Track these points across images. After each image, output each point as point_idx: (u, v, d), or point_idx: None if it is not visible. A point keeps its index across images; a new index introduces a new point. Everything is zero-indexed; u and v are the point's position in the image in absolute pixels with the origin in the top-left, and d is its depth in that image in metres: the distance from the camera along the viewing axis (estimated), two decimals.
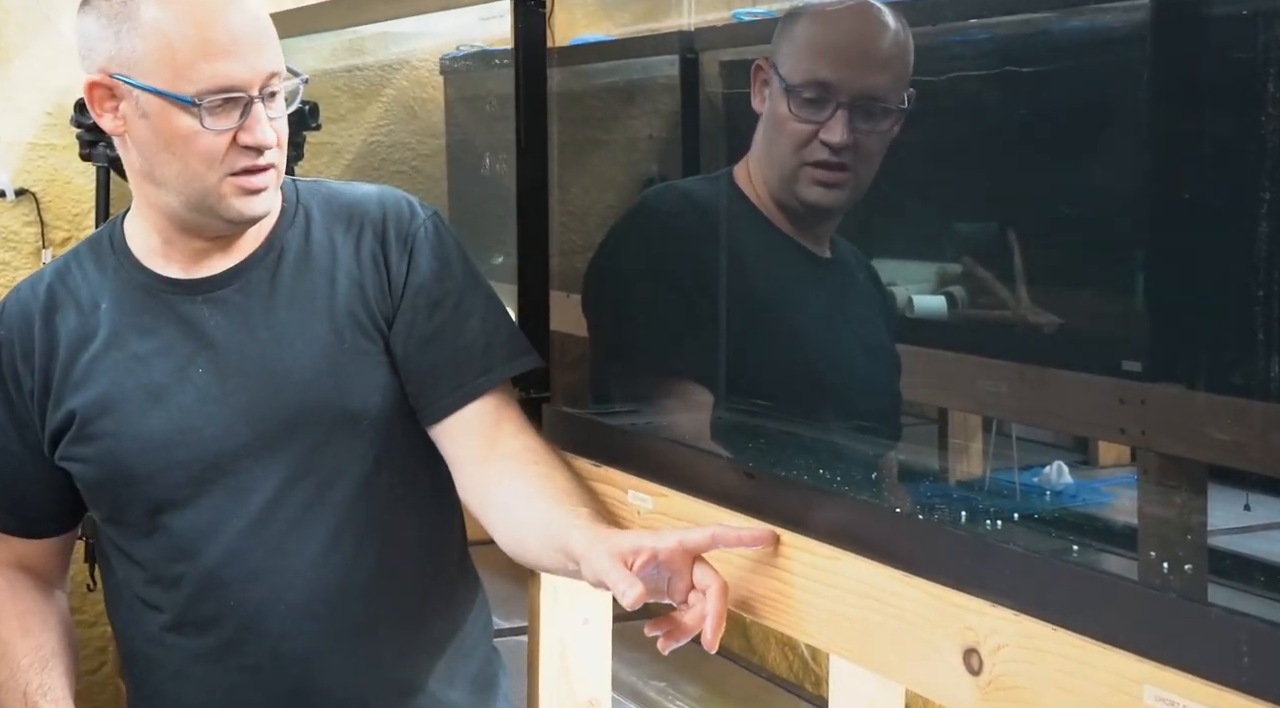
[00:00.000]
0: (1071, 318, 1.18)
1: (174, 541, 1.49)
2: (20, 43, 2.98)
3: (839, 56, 1.37)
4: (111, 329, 1.49)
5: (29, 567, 1.59)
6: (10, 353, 1.51)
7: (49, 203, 3.02)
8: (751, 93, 1.45)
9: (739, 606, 1.29)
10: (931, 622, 1.08)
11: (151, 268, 1.50)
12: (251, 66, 1.38)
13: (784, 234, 1.47)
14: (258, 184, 1.42)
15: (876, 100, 1.33)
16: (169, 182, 1.43)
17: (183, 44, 1.36)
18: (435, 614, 1.59)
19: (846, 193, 1.39)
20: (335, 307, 1.49)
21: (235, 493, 1.47)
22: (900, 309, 1.37)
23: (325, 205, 1.54)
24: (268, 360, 1.47)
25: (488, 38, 2.47)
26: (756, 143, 1.48)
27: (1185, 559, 1.02)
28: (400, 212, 1.53)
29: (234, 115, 1.39)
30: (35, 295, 1.52)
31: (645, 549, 1.22)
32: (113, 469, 1.48)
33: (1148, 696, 0.90)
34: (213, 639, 1.50)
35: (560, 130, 1.72)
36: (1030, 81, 1.20)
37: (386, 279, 1.50)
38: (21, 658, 1.52)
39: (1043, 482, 1.28)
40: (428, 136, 2.96)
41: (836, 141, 1.33)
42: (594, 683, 1.70)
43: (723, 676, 2.41)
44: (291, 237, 1.52)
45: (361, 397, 1.48)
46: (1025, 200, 1.22)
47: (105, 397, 1.47)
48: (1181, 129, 1.06)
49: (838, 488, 1.25)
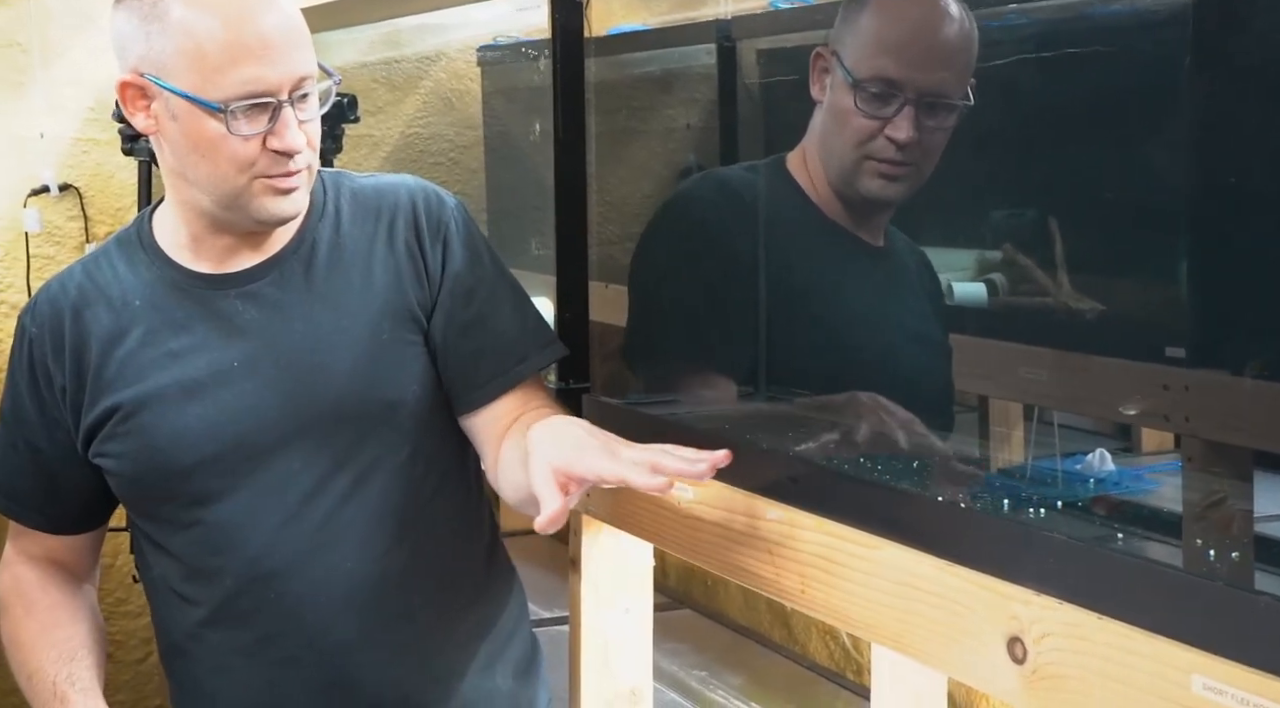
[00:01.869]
0: (1114, 304, 1.18)
1: (212, 534, 1.49)
2: (63, 40, 3.01)
3: (908, 53, 1.34)
4: (146, 326, 1.49)
5: (59, 561, 1.60)
6: (41, 350, 1.51)
7: (92, 197, 3.05)
8: (810, 80, 1.43)
9: (780, 594, 1.29)
10: (975, 610, 1.07)
11: (181, 263, 1.50)
12: (281, 71, 1.37)
13: (836, 224, 1.46)
14: (289, 185, 1.42)
15: (942, 97, 1.31)
16: (200, 182, 1.43)
17: (211, 48, 1.35)
18: (471, 602, 1.59)
19: (907, 185, 1.38)
20: (371, 299, 1.49)
21: (273, 486, 1.47)
22: (941, 295, 1.36)
23: (353, 198, 1.54)
24: (304, 353, 1.47)
25: (524, 28, 2.47)
26: (814, 130, 1.46)
27: (1231, 547, 1.01)
28: (430, 200, 1.53)
29: (263, 120, 1.38)
30: (65, 292, 1.52)
31: (574, 480, 1.26)
32: (150, 464, 1.49)
33: (1195, 684, 0.89)
34: (250, 633, 1.50)
35: (598, 121, 1.72)
36: (1072, 67, 1.20)
37: (424, 268, 1.50)
38: (50, 650, 1.53)
39: (1085, 469, 1.27)
40: (465, 128, 2.96)
41: (903, 139, 1.32)
42: (635, 673, 1.70)
43: (764, 665, 2.41)
44: (323, 230, 1.51)
45: (399, 388, 1.49)
46: (1066, 186, 1.22)
47: (142, 393, 1.47)
48: (1224, 113, 1.05)
49: (879, 477, 1.25)
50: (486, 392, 1.50)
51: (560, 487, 1.25)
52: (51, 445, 1.53)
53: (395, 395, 1.49)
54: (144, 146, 2.63)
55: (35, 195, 3.00)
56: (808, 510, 1.26)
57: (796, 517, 1.27)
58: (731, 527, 1.36)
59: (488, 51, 2.66)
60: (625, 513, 1.54)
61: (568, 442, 1.31)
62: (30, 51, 2.96)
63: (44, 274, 3.03)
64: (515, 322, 1.53)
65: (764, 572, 1.31)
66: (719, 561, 1.39)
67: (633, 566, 1.68)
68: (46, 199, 3.01)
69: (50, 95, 2.98)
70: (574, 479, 1.27)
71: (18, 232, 2.99)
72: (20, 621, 1.56)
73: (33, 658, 1.53)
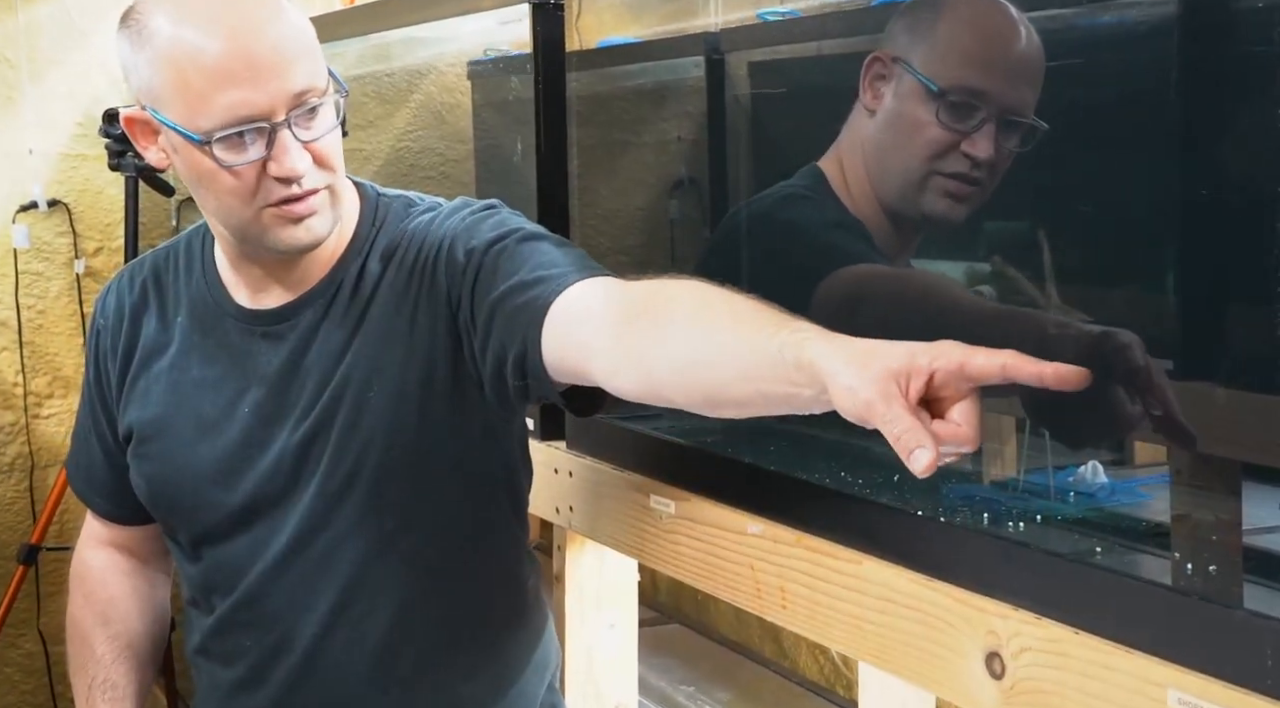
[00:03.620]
0: (1102, 316, 1.17)
1: (211, 573, 1.46)
2: (53, 56, 3.01)
3: (998, 63, 1.26)
4: (180, 347, 1.44)
5: (128, 548, 1.58)
6: (105, 344, 1.48)
7: (81, 213, 3.04)
8: (861, 87, 1.36)
9: (762, 609, 1.28)
10: (954, 626, 1.06)
11: (226, 286, 1.43)
12: (272, 90, 1.24)
13: (872, 237, 1.38)
14: (299, 212, 1.30)
15: (1021, 115, 1.22)
16: (213, 215, 1.35)
17: (194, 74, 1.24)
18: (468, 673, 1.46)
19: (968, 208, 1.28)
20: (365, 349, 1.37)
21: (263, 538, 1.41)
22: None
23: (392, 232, 1.40)
24: (303, 407, 1.38)
25: (514, 41, 2.46)
26: (860, 141, 1.39)
27: (1213, 560, 0.99)
28: (451, 217, 1.38)
29: (259, 146, 1.26)
30: (130, 290, 1.48)
31: (920, 370, 0.91)
32: (160, 494, 1.46)
33: (1171, 699, 0.88)
34: (231, 673, 1.47)
35: (588, 133, 1.71)
36: (1057, 78, 1.19)
37: (433, 288, 1.36)
38: (99, 646, 1.53)
39: (1077, 482, 1.26)
40: (456, 142, 2.96)
41: (983, 156, 1.24)
42: (621, 688, 1.69)
43: (754, 680, 2.39)
44: (352, 270, 1.39)
45: (396, 446, 1.36)
46: (1055, 199, 1.21)
47: (161, 418, 1.44)
48: (1212, 125, 1.04)
49: (860, 491, 1.24)
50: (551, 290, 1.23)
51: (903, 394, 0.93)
52: (113, 437, 1.50)
53: (403, 452, 1.37)
54: (131, 162, 2.63)
55: (24, 211, 2.99)
56: (788, 525, 1.25)
57: (777, 531, 1.26)
58: (713, 541, 1.35)
59: (477, 65, 2.65)
60: (609, 528, 1.53)
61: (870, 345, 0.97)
62: (19, 67, 2.96)
63: (33, 290, 3.02)
64: (558, 254, 1.30)
65: (745, 587, 1.30)
66: (701, 575, 1.38)
67: (617, 580, 1.68)
68: (35, 215, 3.01)
69: (39, 111, 2.98)
70: (910, 375, 0.92)
71: (6, 248, 2.99)
72: (79, 608, 1.56)
73: (82, 651, 1.54)
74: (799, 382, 0.97)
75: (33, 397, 3.05)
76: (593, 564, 1.66)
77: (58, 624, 3.16)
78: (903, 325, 1.24)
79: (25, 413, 3.03)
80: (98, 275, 3.09)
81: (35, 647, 3.10)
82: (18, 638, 3.08)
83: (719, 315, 1.08)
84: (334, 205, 1.33)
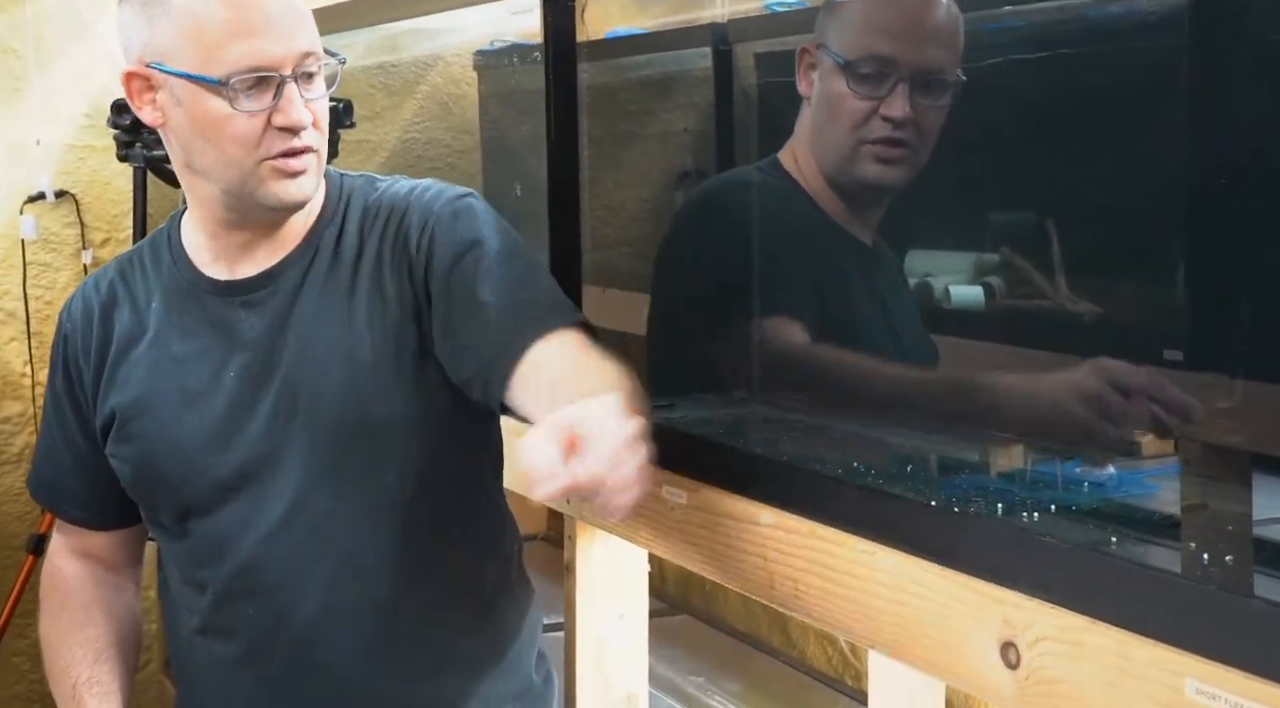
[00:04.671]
0: (1111, 307, 1.17)
1: (199, 546, 1.49)
2: (59, 47, 3.01)
3: (897, 30, 1.34)
4: (156, 329, 1.49)
5: (99, 557, 1.60)
6: (74, 347, 1.53)
7: (88, 204, 3.05)
8: (797, 78, 1.42)
9: (774, 600, 1.28)
10: (968, 615, 1.06)
11: (199, 266, 1.49)
12: (284, 45, 1.35)
13: (835, 222, 1.45)
14: (296, 167, 1.39)
15: (935, 73, 1.29)
16: (208, 170, 1.41)
17: (212, 25, 1.34)
18: (468, 632, 1.53)
19: (904, 170, 1.35)
20: (355, 313, 1.43)
21: (256, 502, 1.45)
22: (937, 300, 1.35)
23: (364, 202, 1.49)
24: (290, 368, 1.44)
25: (520, 32, 2.46)
26: (804, 128, 1.45)
27: (1227, 550, 1.00)
28: (427, 197, 1.46)
29: (267, 96, 1.36)
30: (98, 292, 1.53)
31: (561, 480, 1.06)
32: (146, 471, 1.49)
33: (1189, 689, 0.88)
34: (234, 648, 1.49)
35: (596, 124, 1.71)
36: (1067, 67, 1.19)
37: (408, 268, 1.43)
38: (77, 649, 1.54)
39: (1085, 472, 1.26)
40: (462, 132, 2.96)
41: (898, 116, 1.30)
42: (631, 678, 1.69)
43: (762, 671, 2.40)
44: (327, 237, 1.47)
45: (390, 406, 1.43)
46: (1064, 189, 1.21)
47: (143, 398, 1.48)
48: (1222, 114, 1.04)
49: (873, 480, 1.24)
50: (509, 357, 1.34)
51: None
52: (86, 441, 1.54)
53: (386, 414, 1.43)
54: (139, 153, 2.63)
55: (31, 202, 3.00)
56: (801, 515, 1.25)
57: (790, 521, 1.26)
58: (725, 532, 1.35)
59: (484, 56, 2.65)
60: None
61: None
62: (26, 58, 2.96)
63: (40, 281, 3.03)
64: (527, 289, 1.40)
65: (758, 577, 1.30)
66: (713, 566, 1.38)
67: (628, 571, 1.68)
68: (43, 206, 3.01)
69: (46, 102, 2.98)
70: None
71: (14, 239, 2.99)
72: (54, 616, 1.58)
73: (61, 656, 1.55)
74: None
75: (40, 387, 3.05)
76: (603, 555, 1.66)
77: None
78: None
79: (33, 403, 3.03)
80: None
81: None
82: (26, 628, 3.09)
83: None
84: (318, 170, 1.43)
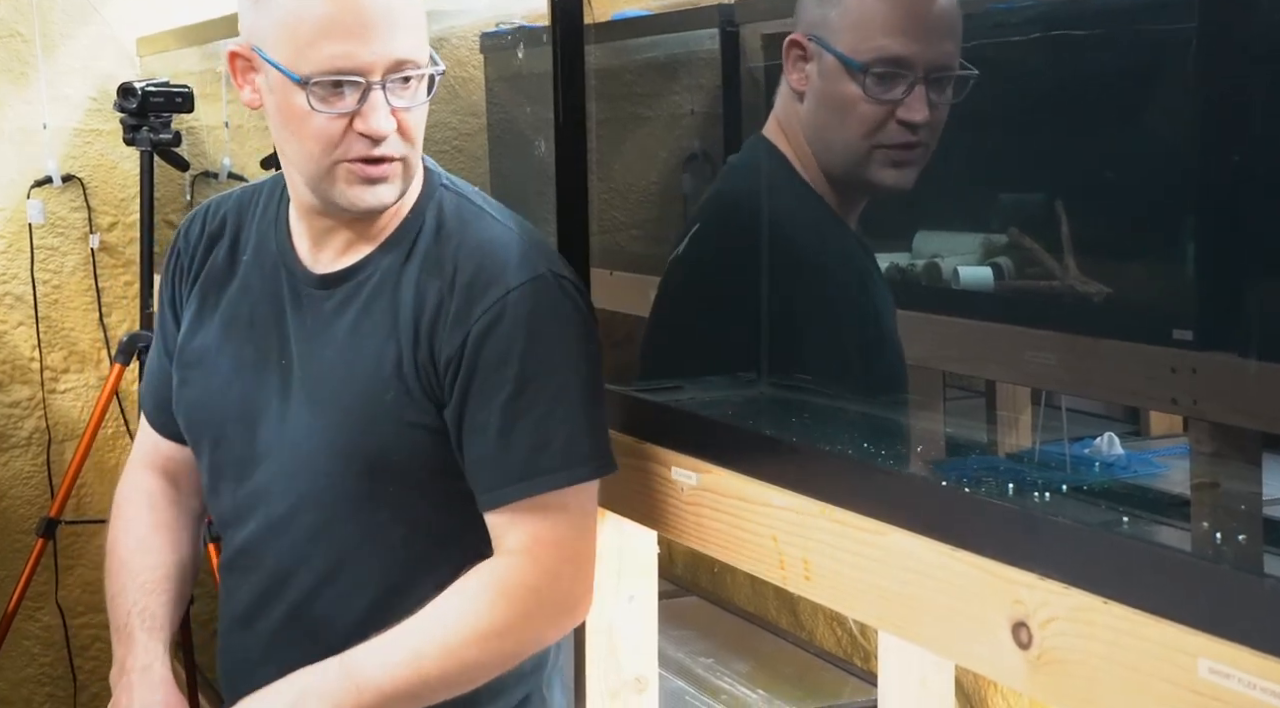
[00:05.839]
0: (1121, 287, 1.17)
1: (219, 511, 1.53)
2: (65, 30, 3.00)
3: (911, 28, 1.29)
4: (241, 282, 1.50)
5: (173, 474, 1.62)
6: (181, 263, 1.55)
7: (95, 188, 3.05)
8: (785, 70, 1.38)
9: (785, 581, 1.29)
10: (980, 596, 1.07)
11: (292, 235, 1.49)
12: (375, 50, 1.32)
13: (829, 207, 1.43)
14: (373, 174, 1.36)
15: (948, 69, 1.25)
16: (292, 159, 1.41)
17: (307, 20, 1.32)
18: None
19: (916, 170, 1.32)
20: (384, 355, 1.41)
21: (262, 495, 1.47)
22: (946, 280, 1.35)
23: (436, 231, 1.43)
24: (316, 384, 1.44)
25: (527, 14, 2.46)
26: (795, 118, 1.41)
27: (1239, 530, 1.00)
28: (478, 279, 1.39)
29: (350, 100, 1.33)
30: (212, 218, 1.55)
31: None
32: (193, 419, 1.53)
33: (1202, 668, 0.88)
34: (231, 609, 1.53)
35: (602, 107, 1.71)
36: (1077, 48, 1.19)
37: (440, 355, 1.39)
38: (140, 575, 1.56)
39: (1093, 453, 1.26)
40: (469, 116, 2.95)
41: (919, 120, 1.26)
42: (641, 660, 1.70)
43: (771, 652, 2.40)
44: (394, 257, 1.43)
45: (386, 452, 1.42)
46: (1073, 169, 1.21)
47: (207, 349, 1.51)
48: (1231, 94, 1.04)
49: (883, 461, 1.24)
50: (483, 500, 1.39)
51: None
52: (175, 352, 1.56)
53: (380, 456, 1.42)
54: (145, 137, 2.63)
55: (38, 186, 3.00)
56: (812, 497, 1.25)
57: (801, 503, 1.26)
58: (736, 513, 1.35)
59: (490, 38, 2.64)
60: (630, 500, 1.54)
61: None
62: (32, 42, 2.96)
63: (48, 265, 3.03)
64: (531, 436, 1.37)
65: (769, 559, 1.31)
66: (724, 547, 1.38)
67: (637, 553, 1.68)
68: (50, 190, 3.01)
69: (53, 86, 2.98)
70: None
71: (21, 223, 2.99)
72: (122, 532, 1.60)
73: (119, 579, 1.56)
74: None
75: (49, 371, 3.06)
76: (613, 536, 1.66)
77: (75, 598, 3.19)
78: None
79: (42, 388, 3.04)
80: (112, 250, 3.10)
81: (54, 619, 3.12)
82: (36, 611, 3.10)
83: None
84: (405, 178, 1.39)
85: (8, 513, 3.05)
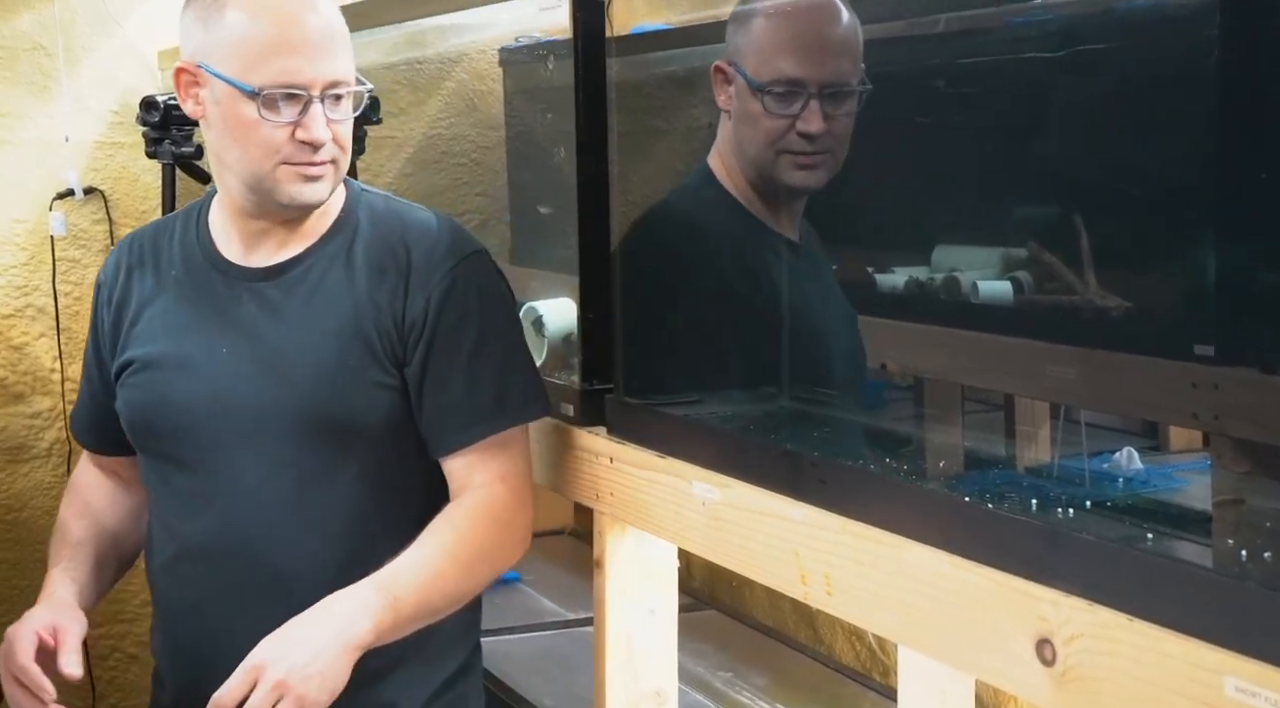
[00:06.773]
0: (1141, 302, 1.16)
1: (176, 498, 1.63)
2: (87, 44, 3.02)
3: (803, 51, 1.47)
4: (174, 295, 1.65)
5: (112, 471, 1.79)
6: (105, 296, 1.71)
7: (117, 200, 3.06)
8: (715, 92, 1.55)
9: (805, 596, 1.28)
10: (1003, 612, 1.06)
11: (217, 244, 1.65)
12: (316, 68, 1.51)
13: (763, 222, 1.57)
14: (311, 172, 1.54)
15: (841, 85, 1.43)
16: (233, 165, 1.56)
17: (256, 40, 1.50)
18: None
19: (825, 172, 1.48)
20: (344, 326, 1.58)
21: (225, 475, 1.59)
22: (965, 294, 1.35)
23: (373, 223, 1.63)
24: (276, 358, 1.58)
25: (546, 28, 2.46)
26: (726, 138, 1.58)
27: (1264, 546, 0.99)
28: (432, 254, 1.59)
29: (293, 111, 1.51)
30: (130, 251, 1.71)
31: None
32: (141, 418, 1.65)
33: (1228, 687, 0.88)
34: (190, 595, 1.63)
35: (620, 120, 1.72)
36: (1099, 61, 1.18)
37: (402, 319, 1.57)
38: (73, 533, 1.71)
39: (1113, 468, 1.26)
40: (487, 129, 2.96)
41: (814, 131, 1.43)
42: (660, 674, 1.70)
43: (790, 666, 2.40)
44: (335, 245, 1.62)
45: (351, 413, 1.58)
46: (1093, 183, 1.21)
47: (151, 354, 1.64)
48: (1253, 107, 1.04)
49: (902, 476, 1.24)
50: (450, 443, 1.59)
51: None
52: (101, 382, 1.72)
53: (347, 419, 1.58)
54: (167, 149, 2.64)
55: (60, 199, 3.01)
56: (833, 511, 1.25)
57: (821, 518, 1.26)
58: (756, 528, 1.35)
59: (510, 52, 2.65)
60: (650, 514, 1.54)
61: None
62: (55, 55, 2.97)
63: (70, 277, 3.04)
64: (493, 384, 1.59)
65: (789, 573, 1.31)
66: (743, 562, 1.38)
67: (657, 566, 1.68)
68: (71, 202, 3.02)
69: (75, 99, 2.99)
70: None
71: (43, 235, 3.00)
72: (63, 511, 1.77)
73: (56, 540, 1.72)
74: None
75: (70, 382, 3.07)
76: (632, 550, 1.67)
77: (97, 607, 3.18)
78: None
79: (63, 399, 3.05)
80: None
81: None
82: None
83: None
84: (335, 178, 1.58)
85: (28, 524, 3.06)
